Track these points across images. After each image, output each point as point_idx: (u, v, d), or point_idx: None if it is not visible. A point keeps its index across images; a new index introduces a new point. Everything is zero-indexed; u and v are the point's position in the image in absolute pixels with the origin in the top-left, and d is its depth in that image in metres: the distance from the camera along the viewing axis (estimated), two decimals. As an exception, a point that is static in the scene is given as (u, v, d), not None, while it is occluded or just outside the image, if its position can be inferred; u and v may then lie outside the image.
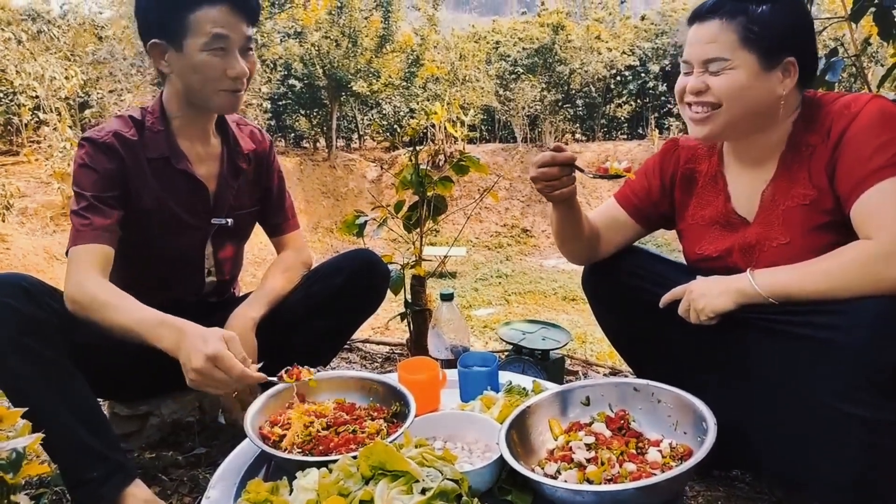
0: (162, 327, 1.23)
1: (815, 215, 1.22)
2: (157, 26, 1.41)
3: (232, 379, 1.18)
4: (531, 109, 13.79)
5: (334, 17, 12.97)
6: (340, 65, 12.82)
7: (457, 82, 14.07)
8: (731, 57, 1.22)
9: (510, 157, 13.38)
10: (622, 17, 16.27)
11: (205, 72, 1.40)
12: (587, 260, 1.55)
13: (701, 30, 1.25)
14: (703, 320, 1.26)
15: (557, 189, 1.34)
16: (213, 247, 1.63)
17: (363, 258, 1.71)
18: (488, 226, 12.33)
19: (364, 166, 13.46)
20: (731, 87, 1.22)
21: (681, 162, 1.48)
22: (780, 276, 1.18)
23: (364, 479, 1.04)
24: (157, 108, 1.52)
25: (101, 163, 1.42)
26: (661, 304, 1.37)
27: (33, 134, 10.35)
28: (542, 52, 14.12)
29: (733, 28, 1.21)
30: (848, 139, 1.17)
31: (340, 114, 14.14)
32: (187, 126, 1.54)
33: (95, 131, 1.46)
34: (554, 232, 1.52)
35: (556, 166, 1.30)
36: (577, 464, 1.15)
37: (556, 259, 10.87)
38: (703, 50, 1.24)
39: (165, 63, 1.44)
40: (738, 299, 1.21)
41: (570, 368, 2.38)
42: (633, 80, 14.30)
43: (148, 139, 1.49)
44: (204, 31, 1.37)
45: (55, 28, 11.75)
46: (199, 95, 1.46)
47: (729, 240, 1.35)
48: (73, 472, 1.25)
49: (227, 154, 1.62)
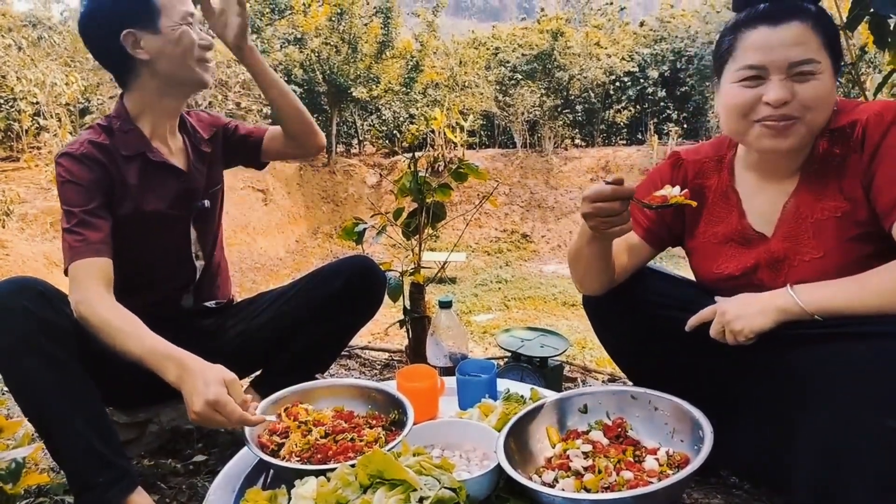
0: (168, 360, 1.25)
1: (850, 227, 1.18)
2: (123, 16, 1.45)
3: (231, 423, 1.19)
4: (530, 115, 13.82)
5: (334, 23, 13.02)
6: (340, 71, 12.86)
7: (456, 88, 14.10)
8: (821, 59, 1.13)
9: (510, 163, 13.39)
10: (621, 23, 16.31)
11: (180, 47, 1.48)
12: (605, 289, 1.43)
13: (780, 32, 1.14)
14: (742, 341, 1.20)
15: (616, 225, 1.19)
16: (196, 231, 1.66)
17: (360, 264, 1.72)
18: (488, 231, 12.33)
19: (364, 172, 13.47)
20: (819, 94, 1.14)
21: (689, 177, 1.41)
22: (825, 291, 1.14)
23: (362, 487, 1.04)
24: (122, 112, 1.55)
25: (82, 174, 1.43)
26: (688, 327, 1.30)
27: (34, 140, 10.37)
28: (541, 58, 14.16)
29: (815, 30, 1.14)
30: (886, 150, 1.12)
31: (340, 119, 14.16)
32: (154, 125, 1.57)
33: (69, 146, 1.48)
34: (580, 265, 1.38)
35: (616, 201, 1.16)
36: (574, 472, 1.15)
37: (556, 264, 10.87)
38: (789, 52, 1.13)
39: (143, 50, 1.47)
40: (779, 318, 1.16)
41: (569, 375, 2.38)
42: (632, 85, 14.33)
43: (120, 140, 1.51)
44: (175, 7, 1.47)
45: (56, 34, 11.79)
46: (182, 69, 1.51)
47: (750, 256, 1.30)
48: (79, 476, 1.25)
49: (190, 143, 1.66)
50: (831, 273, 1.17)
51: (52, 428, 1.25)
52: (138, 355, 1.27)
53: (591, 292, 1.46)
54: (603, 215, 1.17)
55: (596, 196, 1.16)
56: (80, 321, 1.31)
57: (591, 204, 1.17)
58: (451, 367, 1.66)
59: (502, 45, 15.29)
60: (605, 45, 14.68)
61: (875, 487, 1.00)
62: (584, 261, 1.36)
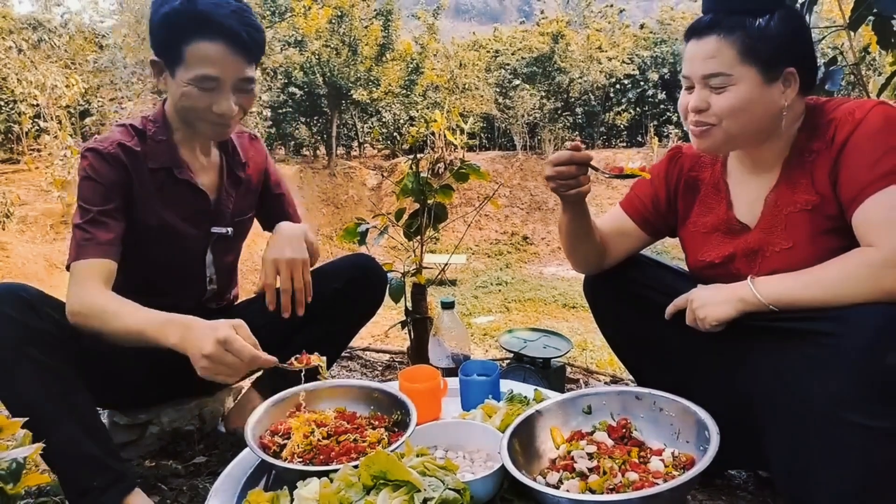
0: (168, 325, 1.23)
1: (819, 220, 1.22)
2: (158, 46, 1.41)
3: (244, 362, 1.17)
4: (530, 117, 13.85)
5: (334, 25, 13.05)
6: (340, 73, 12.88)
7: (456, 90, 14.13)
8: (732, 72, 1.20)
9: (510, 165, 13.40)
10: (621, 25, 16.34)
11: (190, 104, 1.40)
12: (595, 267, 1.54)
13: (699, 46, 1.24)
14: (708, 328, 1.26)
15: (573, 188, 1.32)
16: (213, 255, 1.62)
17: (360, 262, 1.71)
18: (488, 233, 12.34)
19: (364, 174, 13.48)
20: (733, 105, 1.21)
21: (684, 170, 1.48)
22: (781, 283, 1.18)
23: (365, 488, 1.03)
24: (160, 117, 1.52)
25: (105, 174, 1.41)
26: (667, 315, 1.37)
27: (34, 142, 10.38)
28: (541, 61, 14.19)
29: (732, 43, 1.20)
30: (851, 145, 1.17)
31: (340, 122, 14.18)
32: (188, 137, 1.53)
33: (99, 142, 1.44)
34: (563, 236, 1.50)
35: (573, 165, 1.29)
36: (579, 473, 1.14)
37: (556, 267, 10.87)
38: (703, 66, 1.23)
39: (162, 81, 1.44)
40: (739, 307, 1.21)
41: (571, 377, 2.38)
42: (632, 88, 14.37)
43: (150, 149, 1.48)
44: (195, 65, 1.36)
45: (56, 37, 11.81)
46: (185, 122, 1.47)
47: (731, 246, 1.35)
48: (74, 481, 1.24)
49: (227, 164, 1.62)
50: (799, 265, 1.20)
51: (45, 434, 1.21)
52: (137, 329, 1.24)
53: (580, 269, 1.57)
54: (562, 178, 1.30)
55: (556, 160, 1.30)
56: (73, 318, 1.29)
57: (552, 167, 1.31)
58: (453, 368, 1.66)
59: (502, 48, 15.33)
60: (605, 48, 14.71)
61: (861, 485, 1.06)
62: (564, 230, 1.48)
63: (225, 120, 1.43)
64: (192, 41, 1.34)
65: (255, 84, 1.46)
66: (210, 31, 1.34)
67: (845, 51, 2.10)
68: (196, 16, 1.34)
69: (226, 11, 1.36)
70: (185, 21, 1.34)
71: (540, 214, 12.58)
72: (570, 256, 1.55)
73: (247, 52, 1.39)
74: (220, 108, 1.40)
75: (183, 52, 1.35)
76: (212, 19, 1.34)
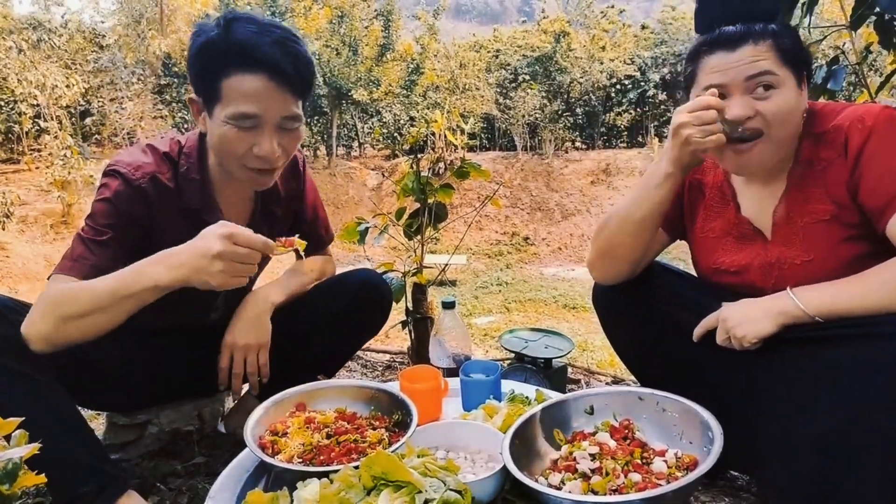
0: (144, 268, 1.14)
1: (839, 230, 1.19)
2: (195, 80, 1.28)
3: (257, 249, 1.11)
4: (531, 118, 13.85)
5: (335, 26, 13.06)
6: (341, 73, 12.90)
7: (457, 91, 14.14)
8: (779, 72, 1.16)
9: (510, 166, 13.41)
10: (622, 25, 16.35)
11: (228, 146, 1.27)
12: (628, 273, 1.42)
13: (735, 54, 1.18)
14: (747, 346, 1.21)
15: (712, 134, 1.18)
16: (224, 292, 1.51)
17: (366, 279, 1.67)
18: (488, 234, 12.33)
19: (364, 174, 13.48)
20: (781, 108, 1.16)
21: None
22: (826, 292, 1.14)
23: (366, 489, 1.02)
24: (195, 152, 1.38)
25: (127, 205, 1.29)
26: (695, 337, 1.32)
27: (34, 142, 10.39)
28: (541, 61, 14.20)
29: (769, 47, 1.16)
30: (870, 155, 1.13)
31: (341, 122, 14.20)
32: (224, 179, 1.41)
33: (131, 167, 1.31)
34: (630, 223, 1.34)
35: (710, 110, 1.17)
36: (581, 474, 1.13)
37: (556, 267, 10.87)
38: (748, 68, 1.16)
39: (202, 122, 1.32)
40: (780, 321, 1.16)
41: (573, 377, 2.37)
42: (632, 88, 14.38)
43: (182, 187, 1.36)
44: (233, 102, 1.22)
45: (56, 37, 11.81)
46: (227, 163, 1.32)
47: (746, 255, 1.32)
48: (64, 488, 1.19)
49: (262, 199, 1.52)
50: (821, 276, 1.17)
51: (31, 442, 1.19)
52: (113, 287, 1.15)
53: (612, 274, 1.44)
54: (702, 123, 1.17)
55: (699, 105, 1.18)
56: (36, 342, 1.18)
57: (688, 113, 1.18)
58: (454, 368, 1.65)
59: (503, 48, 15.34)
60: (606, 49, 14.72)
61: (882, 488, 1.01)
62: (637, 218, 1.33)
63: (266, 164, 1.29)
64: (230, 75, 1.22)
65: (301, 124, 1.32)
66: (250, 64, 1.21)
67: (847, 51, 2.09)
68: (234, 46, 1.21)
69: (267, 40, 1.22)
70: (223, 53, 1.22)
71: (540, 215, 12.57)
72: (610, 255, 1.41)
73: (291, 86, 1.25)
74: (261, 150, 1.26)
75: (220, 87, 1.23)
76: (251, 50, 1.21)
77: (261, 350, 1.49)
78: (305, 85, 1.29)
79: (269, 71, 1.22)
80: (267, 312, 1.50)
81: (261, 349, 1.49)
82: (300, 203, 1.66)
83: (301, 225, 1.66)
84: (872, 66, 9.04)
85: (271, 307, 1.51)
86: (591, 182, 12.80)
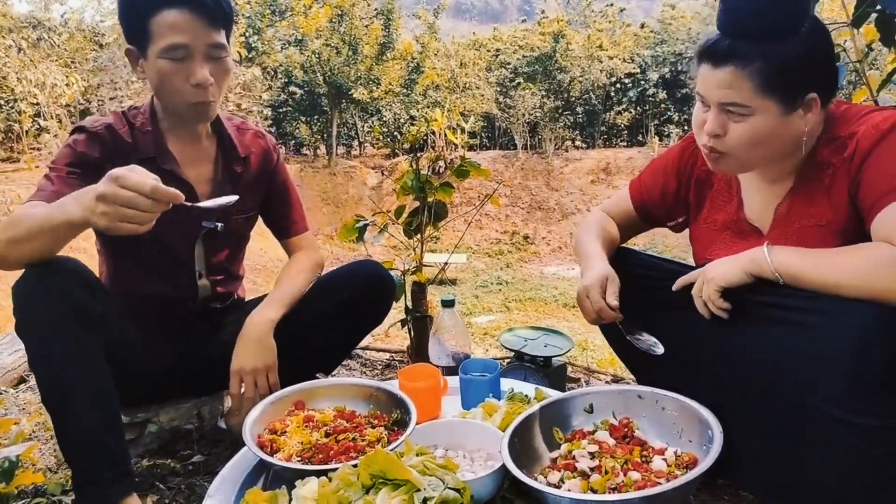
0: (68, 201, 1.16)
1: (828, 237, 1.19)
2: (128, 30, 1.40)
3: (143, 193, 1.07)
4: (531, 116, 13.83)
5: (335, 24, 13.03)
6: (341, 72, 12.87)
7: (457, 89, 14.12)
8: (751, 104, 1.15)
9: (510, 165, 13.40)
10: (622, 24, 16.32)
11: (166, 82, 1.39)
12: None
13: (715, 74, 1.17)
14: (712, 294, 1.21)
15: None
16: (203, 249, 1.60)
17: (371, 271, 1.70)
18: (488, 233, 12.32)
19: (364, 173, 13.47)
20: (751, 137, 1.18)
21: (697, 164, 1.45)
22: (794, 255, 1.14)
23: (364, 487, 1.02)
24: (148, 108, 1.51)
25: (84, 148, 1.41)
26: (675, 287, 1.34)
27: (34, 141, 10.38)
28: (542, 60, 14.18)
29: (750, 75, 1.14)
30: (874, 157, 1.12)
31: (341, 121, 14.18)
32: (176, 127, 1.52)
33: (91, 121, 1.46)
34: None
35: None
36: (580, 473, 1.13)
37: (557, 266, 10.86)
38: (719, 94, 1.18)
39: (140, 70, 1.42)
40: (748, 269, 1.18)
41: (572, 376, 2.36)
42: (632, 87, 14.35)
43: (137, 139, 1.48)
44: (162, 36, 1.35)
45: (56, 35, 11.79)
46: (168, 105, 1.46)
47: (740, 249, 1.31)
48: (86, 470, 1.22)
49: (222, 157, 1.60)
50: None
51: (69, 418, 1.22)
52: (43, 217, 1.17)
53: None
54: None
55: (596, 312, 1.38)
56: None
57: (594, 313, 1.39)
58: (453, 367, 1.64)
59: (503, 47, 15.32)
60: (606, 47, 14.70)
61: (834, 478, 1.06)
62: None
63: (203, 96, 1.40)
64: (155, 13, 1.34)
65: (228, 54, 1.44)
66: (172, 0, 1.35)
67: (848, 48, 2.08)
68: None
69: None
70: None
71: (540, 214, 12.56)
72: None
73: (212, 16, 1.38)
74: (195, 78, 1.37)
75: (150, 26, 1.35)
76: None
77: (269, 371, 1.51)
78: (224, 16, 1.41)
79: (191, 4, 1.35)
80: (268, 333, 1.52)
81: (269, 371, 1.51)
82: (271, 182, 1.71)
83: (272, 206, 1.73)
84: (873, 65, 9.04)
85: (272, 326, 1.53)
86: (592, 181, 12.79)
